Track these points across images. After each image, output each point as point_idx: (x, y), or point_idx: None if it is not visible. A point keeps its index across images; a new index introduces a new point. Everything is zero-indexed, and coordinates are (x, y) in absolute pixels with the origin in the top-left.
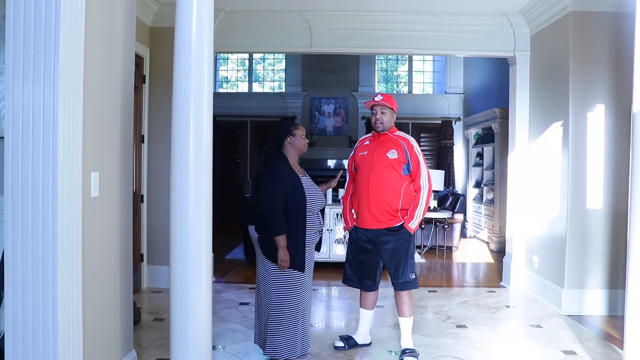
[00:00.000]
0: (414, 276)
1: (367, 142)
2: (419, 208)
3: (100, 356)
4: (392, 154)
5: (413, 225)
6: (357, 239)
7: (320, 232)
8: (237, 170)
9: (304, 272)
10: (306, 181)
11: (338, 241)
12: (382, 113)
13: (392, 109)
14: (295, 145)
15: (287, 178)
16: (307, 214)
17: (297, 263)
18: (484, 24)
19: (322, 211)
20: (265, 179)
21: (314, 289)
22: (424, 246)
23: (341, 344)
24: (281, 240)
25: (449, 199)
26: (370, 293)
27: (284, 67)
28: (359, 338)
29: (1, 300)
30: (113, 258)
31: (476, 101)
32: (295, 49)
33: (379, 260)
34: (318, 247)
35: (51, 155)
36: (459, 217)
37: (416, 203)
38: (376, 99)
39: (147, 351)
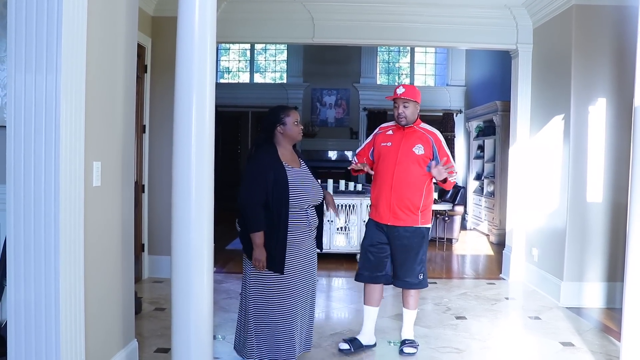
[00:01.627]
0: (422, 276)
1: (390, 131)
2: (454, 174)
3: (101, 345)
4: (419, 150)
5: (452, 177)
6: (371, 230)
7: (313, 229)
8: (238, 161)
9: (282, 274)
10: (298, 173)
11: (340, 230)
12: (405, 107)
13: (415, 101)
14: (287, 134)
15: (270, 170)
16: (291, 209)
17: (275, 264)
18: (487, 16)
19: (319, 207)
20: (246, 172)
21: None
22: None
23: (346, 346)
24: (257, 238)
25: (450, 191)
26: (376, 287)
27: (285, 58)
28: (364, 338)
29: (3, 289)
30: (114, 248)
31: (478, 94)
32: (298, 40)
33: (390, 252)
34: (319, 245)
35: (53, 144)
36: (459, 209)
37: (447, 184)
38: (398, 92)
39: (148, 340)
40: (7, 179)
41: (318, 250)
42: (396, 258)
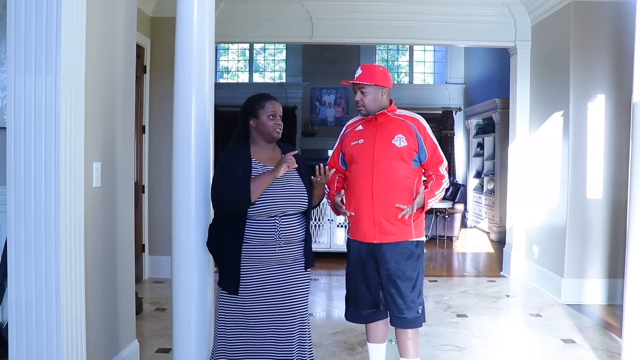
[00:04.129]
0: (421, 309)
1: (360, 126)
2: (441, 188)
3: (102, 346)
4: (400, 141)
5: (431, 203)
6: (354, 254)
7: (287, 246)
8: None
9: (236, 294)
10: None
11: (340, 226)
12: (363, 93)
13: (375, 85)
14: (260, 130)
15: (236, 162)
16: (252, 217)
17: (227, 280)
18: (485, 14)
19: (306, 213)
20: (214, 171)
21: (314, 279)
22: (425, 236)
23: None
24: (257, 183)
25: (450, 189)
26: (379, 322)
27: (284, 58)
28: None
29: (4, 290)
30: (115, 248)
31: (477, 91)
32: (296, 39)
33: (379, 278)
34: (308, 262)
35: (53, 145)
36: (459, 207)
37: (438, 182)
38: (356, 75)
39: (149, 341)
40: (7, 180)
41: (306, 276)
42: (388, 288)
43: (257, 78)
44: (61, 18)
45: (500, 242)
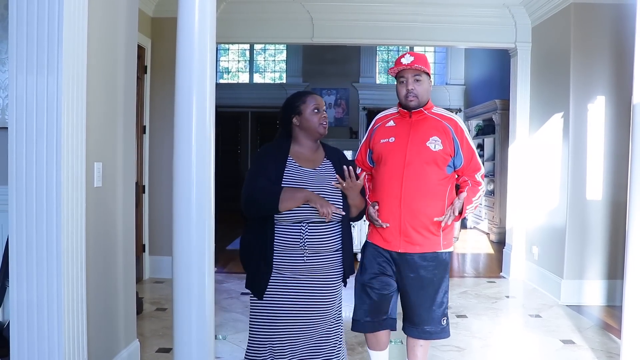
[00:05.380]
0: (445, 321)
1: (391, 122)
2: (477, 195)
3: (103, 345)
4: (435, 144)
5: (469, 210)
6: (372, 259)
7: (314, 256)
8: (238, 161)
9: (260, 299)
10: (303, 175)
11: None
12: (417, 81)
13: (428, 74)
14: (304, 126)
15: (270, 161)
16: (277, 221)
17: (254, 283)
18: (486, 15)
19: (343, 222)
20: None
21: None
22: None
23: None
24: (287, 197)
25: None
26: (382, 332)
27: (284, 58)
28: None
29: (6, 290)
30: (116, 248)
31: (477, 92)
32: (297, 40)
33: (396, 288)
34: (344, 277)
35: (55, 145)
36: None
37: (475, 189)
38: (404, 61)
39: (149, 340)
40: (9, 180)
41: (340, 288)
42: (409, 297)
43: (258, 78)
44: (63, 18)
45: (500, 243)
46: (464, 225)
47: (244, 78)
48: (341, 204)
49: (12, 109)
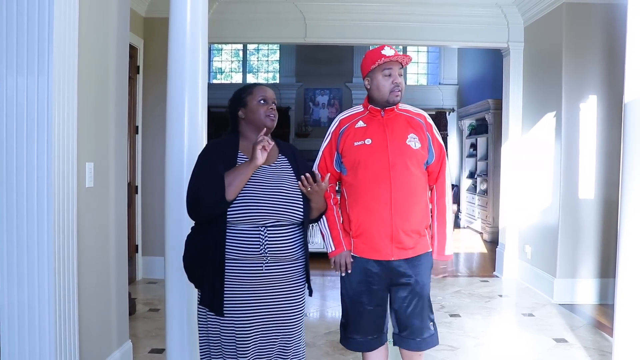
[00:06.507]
0: (433, 325)
1: (361, 122)
2: (449, 222)
3: (95, 347)
4: (415, 142)
5: (449, 250)
6: (359, 273)
7: (274, 262)
8: None
9: (222, 315)
10: (258, 171)
11: None
12: (400, 75)
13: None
14: (249, 119)
15: (217, 155)
16: (232, 225)
17: (211, 299)
18: (478, 14)
19: (303, 225)
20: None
21: None
22: None
23: None
24: (231, 178)
25: None
26: (380, 348)
27: (278, 58)
28: None
29: None
30: (108, 249)
31: (470, 92)
32: (290, 40)
33: (387, 301)
34: (308, 287)
35: (46, 145)
36: (452, 207)
37: (443, 215)
38: (385, 53)
39: (142, 341)
40: None
41: (305, 297)
42: (403, 309)
43: (251, 79)
44: (53, 18)
45: (493, 242)
46: (457, 225)
47: (237, 78)
48: (301, 203)
49: (2, 109)
